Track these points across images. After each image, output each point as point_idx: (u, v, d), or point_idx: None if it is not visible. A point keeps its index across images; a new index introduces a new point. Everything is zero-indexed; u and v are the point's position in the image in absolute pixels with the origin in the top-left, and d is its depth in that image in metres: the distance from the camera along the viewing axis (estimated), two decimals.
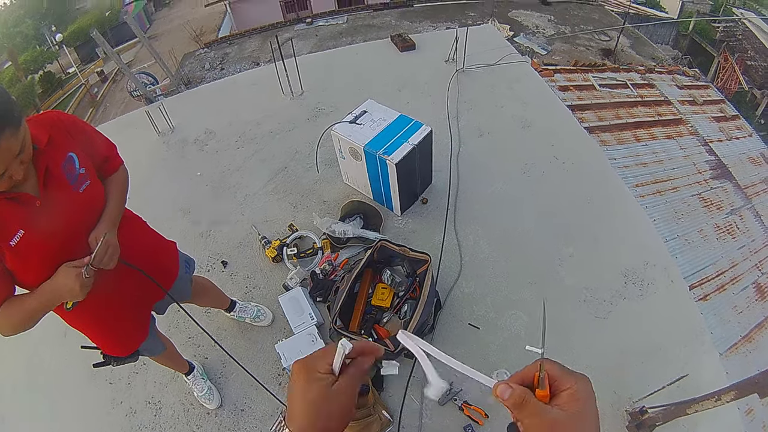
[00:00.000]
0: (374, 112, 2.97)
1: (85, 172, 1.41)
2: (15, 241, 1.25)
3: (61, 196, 1.34)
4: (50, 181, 1.32)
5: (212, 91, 4.44)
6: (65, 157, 1.36)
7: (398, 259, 2.70)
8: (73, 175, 1.37)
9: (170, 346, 2.31)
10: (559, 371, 0.58)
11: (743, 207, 5.45)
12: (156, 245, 1.89)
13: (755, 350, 4.33)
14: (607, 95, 5.63)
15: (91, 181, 1.42)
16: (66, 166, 1.35)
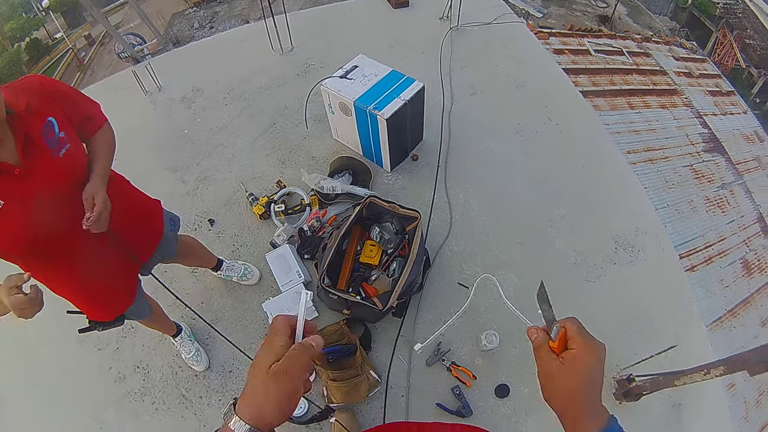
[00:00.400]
0: (365, 67, 2.90)
1: (64, 135, 1.37)
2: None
3: (41, 163, 1.30)
4: (29, 148, 1.29)
5: (200, 49, 4.32)
6: (44, 122, 1.33)
7: (387, 216, 2.66)
8: (53, 139, 1.34)
9: (157, 308, 2.28)
10: (575, 333, 0.71)
11: (734, 182, 5.47)
12: (140, 205, 1.86)
13: (740, 325, 4.39)
14: (602, 61, 5.58)
15: (71, 144, 1.39)
16: (45, 132, 1.32)
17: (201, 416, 2.43)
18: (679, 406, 2.43)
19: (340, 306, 2.45)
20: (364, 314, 2.50)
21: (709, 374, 1.97)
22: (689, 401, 2.44)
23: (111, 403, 2.52)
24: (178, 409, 2.46)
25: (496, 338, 2.42)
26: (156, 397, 2.50)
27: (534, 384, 2.37)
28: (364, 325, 2.57)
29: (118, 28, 12.65)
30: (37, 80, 1.39)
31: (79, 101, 1.52)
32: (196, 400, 2.47)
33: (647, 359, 2.34)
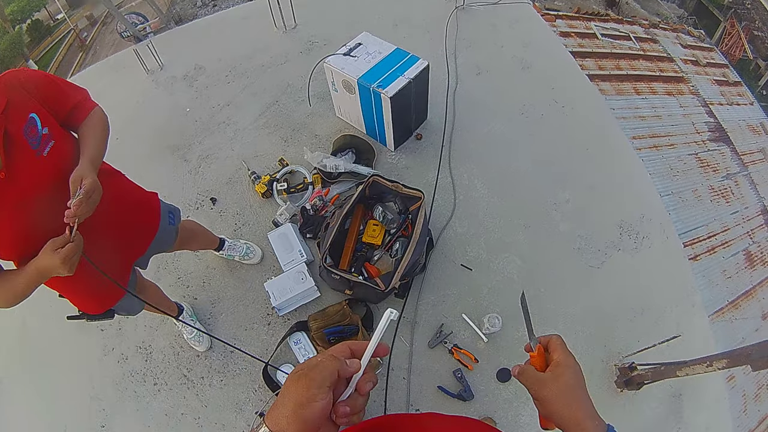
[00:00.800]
0: (369, 45, 2.85)
1: (48, 132, 1.31)
2: None
3: (24, 164, 1.25)
4: (12, 149, 1.23)
5: (202, 26, 4.26)
6: (26, 119, 1.27)
7: (390, 196, 2.63)
8: (36, 138, 1.28)
9: (157, 291, 2.26)
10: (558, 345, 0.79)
11: (739, 173, 5.42)
12: (135, 200, 1.81)
13: (741, 317, 4.37)
14: (609, 45, 5.50)
15: (56, 141, 1.33)
16: (27, 130, 1.26)
17: (202, 396, 2.43)
18: (679, 397, 2.43)
19: (342, 286, 2.43)
20: (366, 295, 2.49)
21: (711, 366, 1.96)
22: (690, 392, 2.44)
23: (112, 384, 2.53)
24: (180, 389, 2.47)
25: (499, 321, 2.40)
26: (158, 377, 2.51)
27: None
28: (366, 306, 2.56)
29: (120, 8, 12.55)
30: (14, 75, 1.32)
31: (64, 90, 1.46)
32: (197, 381, 2.47)
33: (650, 348, 2.33)
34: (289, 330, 2.49)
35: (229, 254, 2.64)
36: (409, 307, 2.55)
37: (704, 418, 2.43)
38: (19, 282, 1.29)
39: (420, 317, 2.54)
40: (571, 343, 2.40)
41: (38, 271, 1.28)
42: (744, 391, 3.92)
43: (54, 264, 1.23)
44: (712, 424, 2.43)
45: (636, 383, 2.31)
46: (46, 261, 1.25)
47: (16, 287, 1.30)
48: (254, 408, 2.37)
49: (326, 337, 2.41)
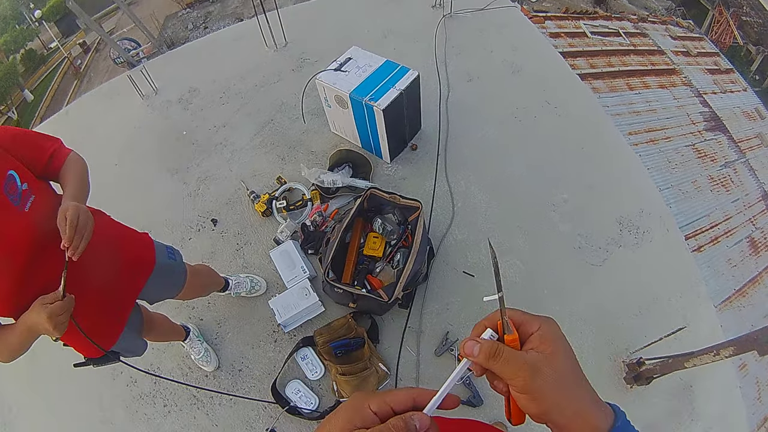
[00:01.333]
0: (359, 59, 2.88)
1: (27, 187, 1.31)
2: None
3: (8, 221, 1.25)
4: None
5: (194, 49, 4.30)
6: (5, 177, 1.26)
7: (389, 207, 2.65)
8: (16, 194, 1.28)
9: (164, 320, 2.26)
10: (521, 316, 0.57)
11: (737, 161, 5.44)
12: (124, 237, 1.77)
13: (749, 305, 4.37)
14: (599, 43, 5.54)
15: (36, 195, 1.33)
16: (8, 187, 1.26)
17: (212, 416, 2.43)
18: (690, 388, 2.42)
19: (345, 299, 2.44)
20: (370, 307, 2.50)
21: (718, 355, 1.97)
22: (700, 383, 2.43)
23: (123, 407, 2.53)
24: (190, 409, 2.47)
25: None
26: (167, 399, 2.51)
27: None
28: (371, 318, 2.57)
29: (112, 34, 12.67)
30: None
31: (38, 143, 1.46)
32: (207, 401, 2.47)
33: (656, 342, 2.33)
34: (296, 346, 2.50)
35: (236, 292, 2.61)
36: (413, 316, 2.56)
37: (717, 408, 2.42)
38: (13, 338, 1.29)
39: (425, 326, 2.55)
40: (578, 342, 2.41)
41: (27, 328, 1.27)
42: (757, 378, 3.91)
43: (41, 321, 1.22)
44: (726, 414, 2.42)
45: (645, 378, 2.31)
46: (34, 317, 1.24)
47: (11, 343, 1.30)
48: (265, 425, 2.37)
49: (333, 351, 2.42)
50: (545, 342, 0.53)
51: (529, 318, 0.56)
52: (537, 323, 0.55)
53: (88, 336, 1.45)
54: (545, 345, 0.53)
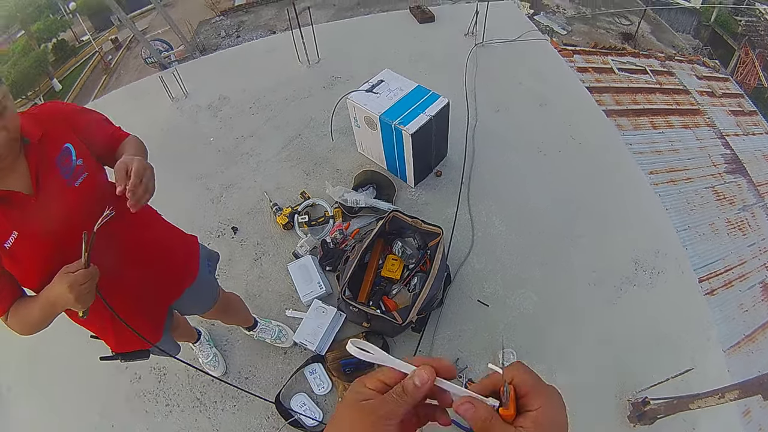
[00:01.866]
0: (391, 82, 2.93)
1: (82, 163, 1.30)
2: (9, 243, 1.18)
3: (55, 193, 1.24)
4: (44, 177, 1.23)
5: (227, 57, 4.38)
6: (61, 149, 1.27)
7: (410, 231, 2.67)
8: (69, 168, 1.27)
9: (186, 323, 2.28)
10: (530, 386, 0.51)
11: (756, 204, 5.40)
12: (171, 238, 1.73)
13: (758, 351, 4.32)
14: (626, 80, 5.56)
15: (89, 173, 1.31)
16: (61, 159, 1.26)
17: (214, 420, 2.43)
18: (693, 431, 2.40)
19: (360, 318, 2.46)
20: (384, 328, 2.51)
21: (723, 398, 1.96)
22: (704, 426, 2.41)
23: (123, 402, 2.54)
24: (192, 412, 2.47)
25: (514, 357, 2.42)
26: (170, 399, 2.52)
27: None
28: (383, 339, 2.58)
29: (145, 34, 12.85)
30: (57, 106, 1.35)
31: (100, 123, 1.47)
32: (210, 405, 2.48)
33: (663, 382, 2.32)
34: (305, 361, 2.51)
35: (260, 336, 2.57)
36: (425, 341, 2.57)
37: None
38: (33, 311, 1.25)
39: (436, 351, 2.55)
40: (586, 378, 2.40)
41: (48, 300, 1.22)
42: (760, 426, 3.86)
43: (63, 291, 1.16)
44: None
45: (649, 418, 2.30)
46: (56, 288, 1.18)
47: (31, 316, 1.26)
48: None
49: (342, 368, 2.44)
50: (538, 427, 0.48)
51: (535, 391, 0.51)
52: (539, 401, 0.50)
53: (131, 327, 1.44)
54: (537, 429, 0.48)
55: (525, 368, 0.53)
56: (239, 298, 2.34)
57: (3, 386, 2.74)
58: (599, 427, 2.38)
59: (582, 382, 2.47)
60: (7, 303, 1.26)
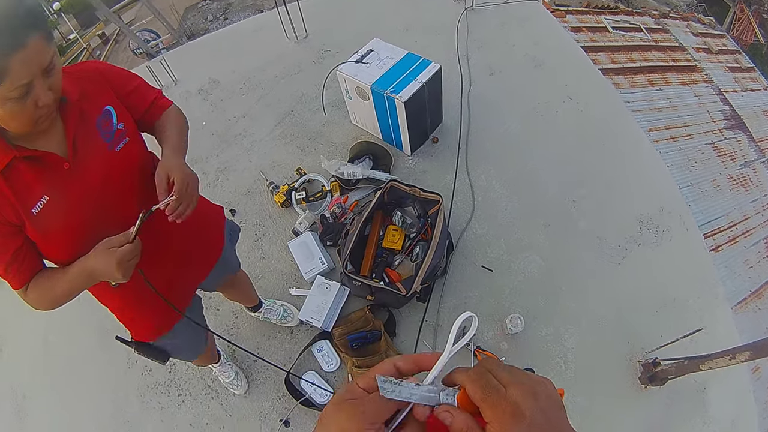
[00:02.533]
0: (381, 51, 2.87)
1: (123, 128, 1.24)
2: (37, 209, 1.10)
3: (93, 157, 1.17)
4: (81, 140, 1.15)
5: (214, 40, 4.30)
6: (101, 111, 1.20)
7: (409, 200, 2.64)
8: (110, 131, 1.20)
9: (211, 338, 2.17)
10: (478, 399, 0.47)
11: (757, 160, 5.35)
12: (202, 214, 1.59)
13: (765, 307, 4.31)
14: (621, 38, 5.47)
15: (130, 138, 1.25)
16: (101, 122, 1.19)
17: (227, 406, 2.45)
18: (704, 391, 2.40)
19: (363, 292, 2.44)
20: (388, 300, 2.49)
21: (734, 359, 1.95)
22: (715, 385, 2.41)
23: (137, 396, 2.56)
24: (204, 399, 2.48)
25: (521, 322, 2.39)
26: (182, 388, 2.53)
27: (560, 367, 2.36)
28: (388, 311, 2.56)
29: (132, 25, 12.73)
30: (96, 65, 1.27)
31: (141, 87, 1.39)
32: (221, 390, 2.49)
33: (672, 342, 2.30)
34: (313, 339, 2.50)
35: (265, 317, 2.54)
36: (431, 310, 2.56)
37: (730, 412, 2.39)
38: (62, 283, 1.18)
39: (442, 320, 2.54)
40: (595, 341, 2.39)
41: (86, 272, 1.15)
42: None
43: (108, 266, 1.09)
44: (738, 418, 2.39)
45: (660, 379, 2.29)
46: (99, 262, 1.11)
47: (56, 288, 1.18)
48: (278, 416, 2.39)
49: (349, 344, 2.43)
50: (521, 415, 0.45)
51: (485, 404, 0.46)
52: (488, 415, 0.46)
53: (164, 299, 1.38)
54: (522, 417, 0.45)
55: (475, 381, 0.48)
56: (246, 274, 2.30)
57: (18, 395, 2.75)
58: (610, 389, 2.37)
59: (591, 344, 2.46)
60: (28, 275, 1.18)
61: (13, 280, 1.17)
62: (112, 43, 15.42)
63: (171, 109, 1.47)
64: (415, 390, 0.50)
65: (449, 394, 0.50)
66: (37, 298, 1.20)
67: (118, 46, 15.16)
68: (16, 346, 2.93)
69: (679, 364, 2.19)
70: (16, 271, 1.15)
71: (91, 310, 1.37)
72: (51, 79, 1.01)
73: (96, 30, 16.81)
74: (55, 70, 1.02)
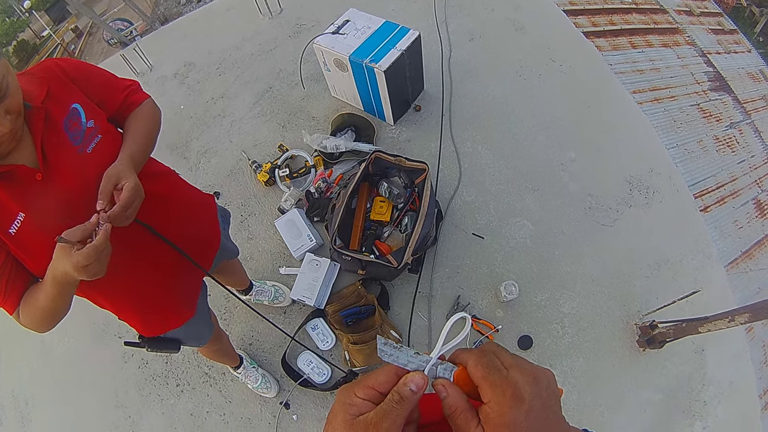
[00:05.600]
0: (357, 21, 2.79)
1: (94, 125, 1.14)
2: (15, 229, 1.02)
3: (65, 163, 1.08)
4: (50, 146, 1.06)
5: (188, 23, 4.19)
6: (68, 111, 1.11)
7: (395, 170, 2.59)
8: (79, 132, 1.11)
9: (227, 339, 2.17)
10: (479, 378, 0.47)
11: (743, 122, 5.35)
12: (196, 206, 1.56)
13: (756, 267, 4.32)
14: (600, 1, 5.41)
15: (102, 135, 1.15)
16: (68, 123, 1.10)
17: (226, 392, 2.44)
18: (702, 352, 2.40)
19: (354, 267, 2.40)
20: (380, 273, 2.46)
21: (733, 321, 1.95)
22: (712, 347, 2.41)
23: (136, 390, 2.55)
24: (203, 387, 2.48)
25: (516, 288, 2.37)
26: (180, 378, 2.52)
27: (557, 332, 2.34)
28: (380, 285, 2.54)
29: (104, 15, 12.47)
30: (57, 62, 1.16)
31: (111, 81, 1.28)
32: (219, 377, 2.48)
33: (669, 305, 2.30)
34: (306, 318, 2.48)
35: (257, 299, 2.49)
36: (423, 281, 2.53)
37: (728, 373, 2.40)
38: (41, 294, 1.05)
39: (436, 290, 2.51)
40: (590, 305, 2.38)
41: (53, 279, 1.00)
42: (764, 342, 3.89)
43: (64, 268, 0.95)
44: (736, 378, 2.40)
45: (658, 342, 2.28)
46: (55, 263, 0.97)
47: (39, 301, 1.06)
48: (278, 399, 2.38)
49: (343, 320, 2.40)
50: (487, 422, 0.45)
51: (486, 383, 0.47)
52: (488, 395, 0.46)
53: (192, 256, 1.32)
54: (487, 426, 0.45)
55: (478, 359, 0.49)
56: (239, 261, 2.25)
57: (20, 400, 2.75)
58: (609, 352, 2.37)
59: (587, 308, 2.45)
60: (17, 295, 1.09)
61: (4, 303, 1.09)
62: (86, 36, 15.18)
63: (144, 105, 1.36)
64: (413, 358, 0.50)
65: (447, 369, 0.50)
66: (28, 318, 1.10)
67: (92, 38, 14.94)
68: (13, 351, 2.92)
69: (678, 326, 2.18)
70: (4, 291, 1.07)
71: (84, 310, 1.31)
72: (6, 101, 0.94)
73: (69, 24, 16.58)
74: (10, 92, 0.95)
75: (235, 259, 2.05)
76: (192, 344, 1.75)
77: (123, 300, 1.37)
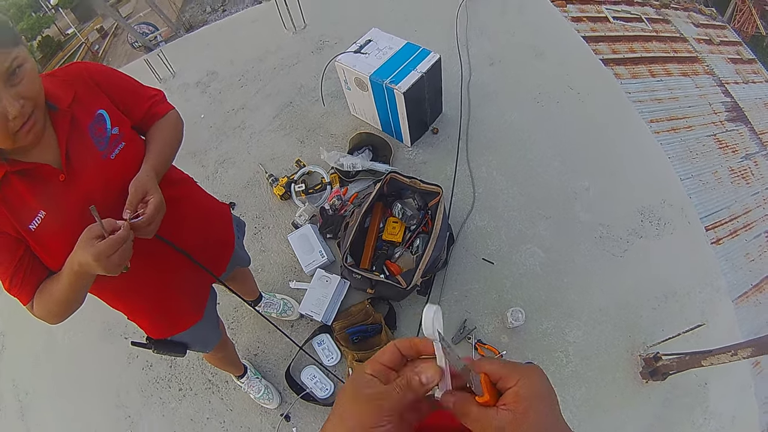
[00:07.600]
0: (380, 41, 2.83)
1: (118, 132, 1.16)
2: (35, 225, 1.05)
3: (88, 167, 1.10)
4: (74, 149, 1.08)
5: (212, 32, 4.27)
6: (93, 116, 1.13)
7: (409, 192, 2.62)
8: (103, 138, 1.13)
9: (232, 346, 2.19)
10: (500, 370, 0.50)
11: (758, 153, 5.32)
12: (211, 213, 1.59)
13: (766, 301, 4.29)
14: (621, 28, 5.42)
15: (126, 143, 1.18)
16: (93, 128, 1.12)
17: (227, 400, 2.45)
18: (705, 386, 2.38)
19: (363, 285, 2.42)
20: (388, 293, 2.48)
21: (736, 355, 1.94)
22: (716, 380, 2.39)
23: (138, 391, 2.56)
24: (205, 394, 2.49)
25: (522, 315, 2.38)
26: (183, 383, 2.54)
27: (561, 361, 2.34)
28: (388, 304, 2.55)
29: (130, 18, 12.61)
30: (86, 66, 1.18)
31: (137, 89, 1.31)
32: (222, 385, 2.49)
33: (674, 337, 2.29)
34: (313, 333, 2.50)
35: (266, 311, 2.51)
36: (431, 302, 2.54)
37: (731, 407, 2.38)
38: (57, 285, 1.07)
39: (443, 313, 2.51)
40: (596, 334, 2.38)
41: (72, 272, 1.02)
42: None
43: (87, 261, 0.96)
44: (738, 413, 2.38)
45: (661, 373, 2.28)
46: (78, 256, 0.99)
47: (54, 293, 1.09)
48: (279, 411, 2.39)
49: (350, 337, 2.41)
50: (519, 400, 0.47)
51: (509, 371, 0.50)
52: (515, 377, 0.49)
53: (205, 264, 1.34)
54: (518, 403, 0.47)
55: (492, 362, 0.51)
56: (250, 273, 2.29)
57: (21, 391, 2.77)
58: (612, 383, 2.36)
59: (592, 338, 2.45)
60: (32, 287, 1.11)
61: (19, 294, 1.12)
62: (110, 37, 15.33)
63: (168, 116, 1.38)
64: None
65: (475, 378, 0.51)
66: (42, 309, 1.13)
67: (116, 39, 15.07)
68: (18, 341, 2.94)
69: (681, 359, 2.18)
70: (20, 282, 1.10)
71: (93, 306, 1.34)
72: (19, 87, 0.94)
73: (94, 24, 16.75)
74: (24, 76, 0.95)
75: (246, 267, 2.08)
76: (198, 349, 1.78)
77: (136, 302, 1.41)
